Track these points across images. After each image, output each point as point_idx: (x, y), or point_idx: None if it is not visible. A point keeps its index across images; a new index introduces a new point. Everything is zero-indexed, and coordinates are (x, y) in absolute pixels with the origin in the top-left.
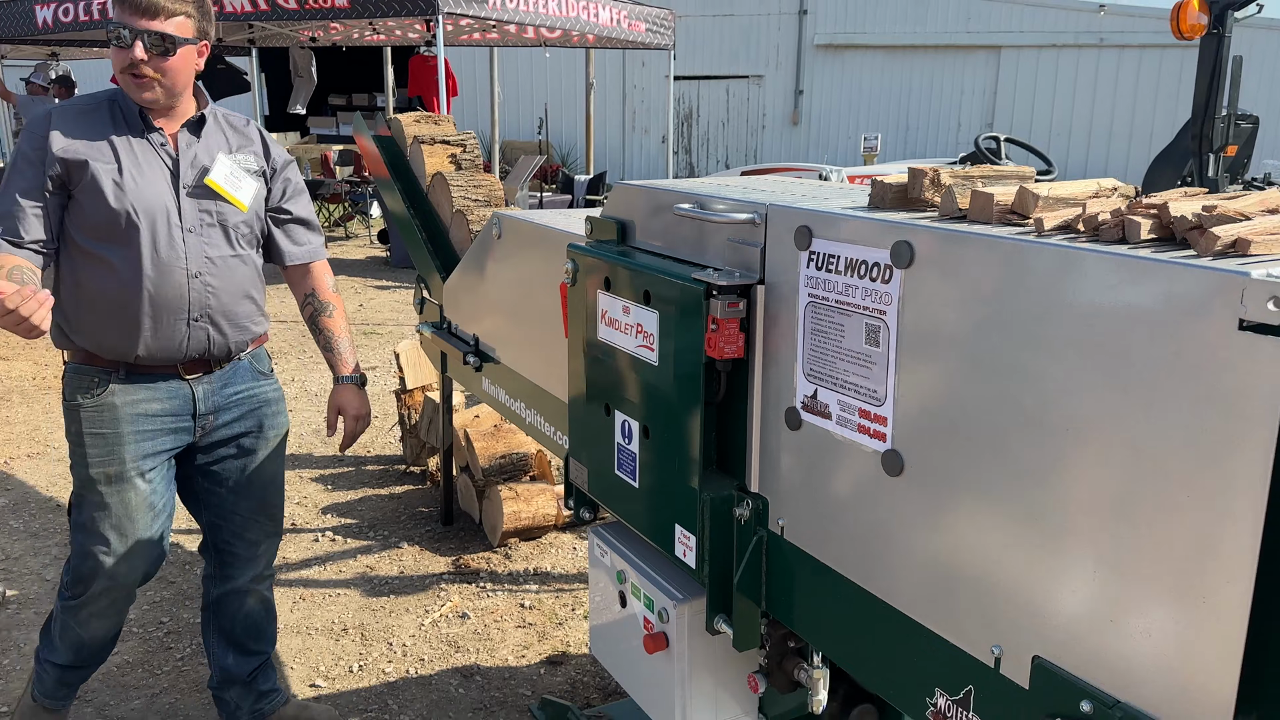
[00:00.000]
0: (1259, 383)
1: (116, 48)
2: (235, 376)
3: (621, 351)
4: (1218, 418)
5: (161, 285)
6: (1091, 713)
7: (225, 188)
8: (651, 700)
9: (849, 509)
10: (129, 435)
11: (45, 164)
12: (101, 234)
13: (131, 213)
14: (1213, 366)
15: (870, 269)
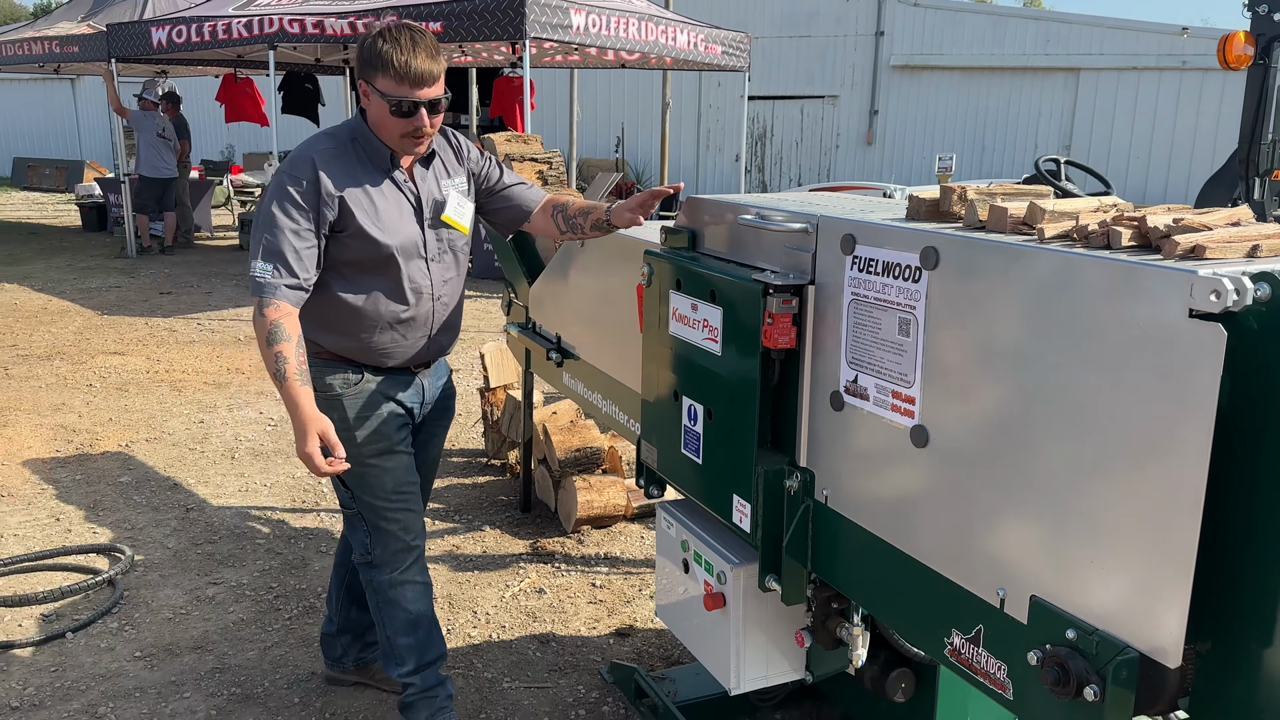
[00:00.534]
0: (1204, 359)
1: (397, 117)
2: (439, 371)
3: (689, 344)
4: (1173, 389)
5: (415, 309)
6: (1075, 639)
7: (455, 219)
8: (710, 655)
9: (882, 478)
10: (389, 417)
11: (318, 206)
12: (365, 268)
13: (394, 252)
14: (1170, 347)
15: (903, 270)
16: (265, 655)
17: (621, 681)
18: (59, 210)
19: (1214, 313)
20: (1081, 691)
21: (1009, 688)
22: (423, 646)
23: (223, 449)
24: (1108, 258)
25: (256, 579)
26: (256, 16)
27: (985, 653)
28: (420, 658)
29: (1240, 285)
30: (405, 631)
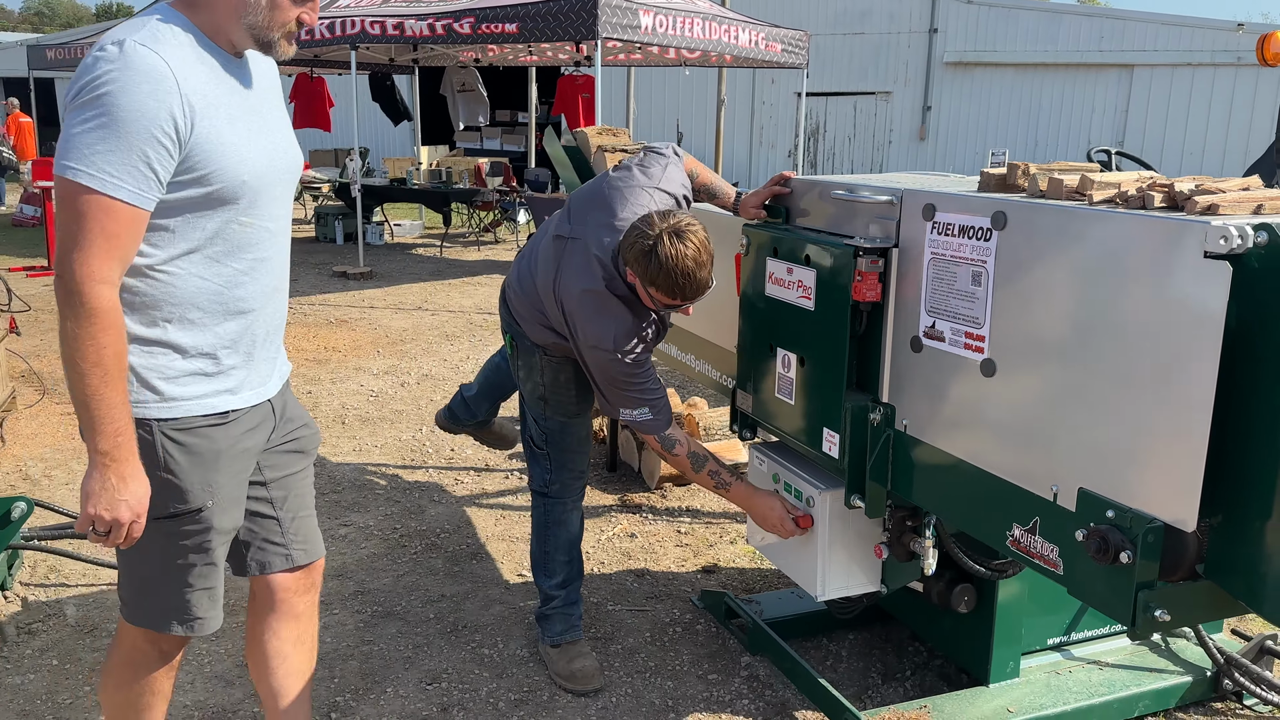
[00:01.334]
0: (1214, 290)
1: (665, 309)
2: None
3: (784, 303)
4: (1191, 314)
5: None
6: (1114, 517)
7: None
8: (799, 571)
9: (956, 405)
10: (577, 381)
11: (649, 364)
12: None
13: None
14: (1189, 281)
15: (977, 231)
16: (399, 581)
17: (712, 606)
18: None
19: (1222, 254)
20: (1118, 557)
21: (1060, 565)
22: (574, 565)
23: (332, 416)
24: (1143, 214)
25: (381, 522)
26: (339, 18)
27: (1041, 539)
28: (568, 574)
29: (1243, 232)
30: (564, 550)
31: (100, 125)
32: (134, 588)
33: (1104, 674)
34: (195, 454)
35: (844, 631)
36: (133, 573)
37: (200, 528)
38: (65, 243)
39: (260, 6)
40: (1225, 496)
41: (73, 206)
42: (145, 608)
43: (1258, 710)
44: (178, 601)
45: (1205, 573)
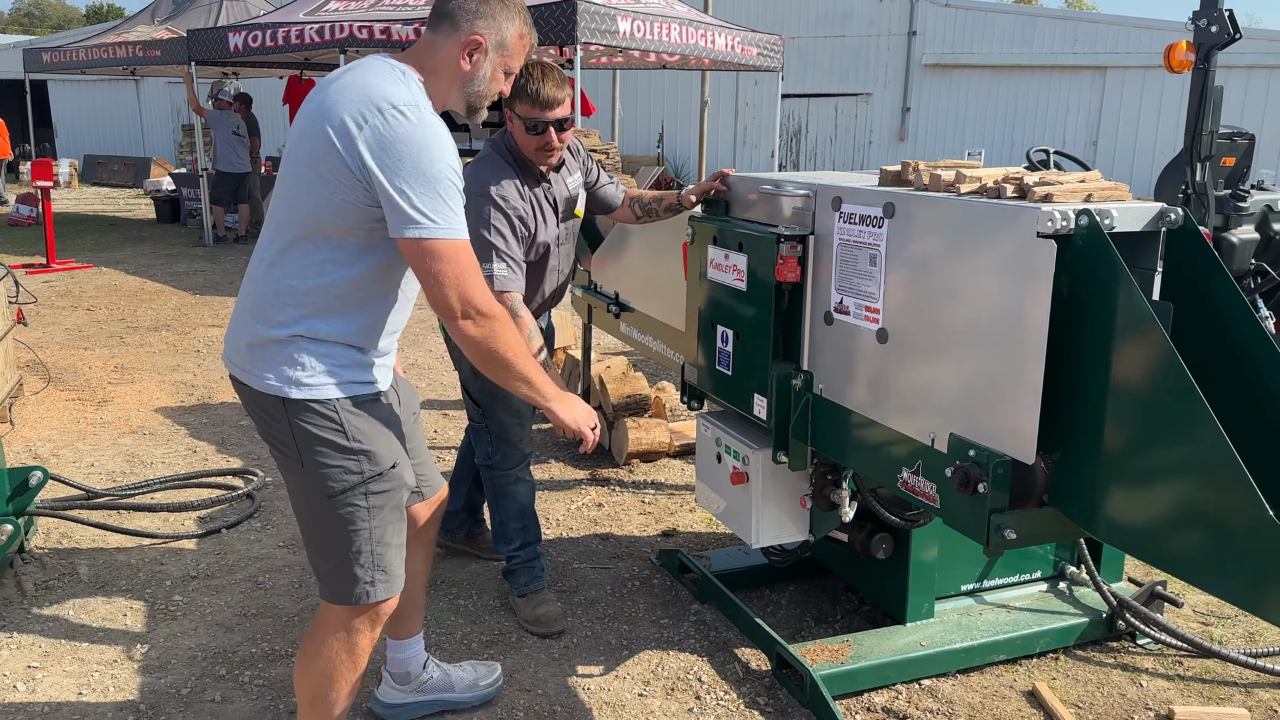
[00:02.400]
0: (1044, 263)
1: (530, 134)
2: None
3: (723, 285)
4: (1027, 284)
5: (552, 287)
6: (974, 455)
7: (579, 209)
8: (737, 522)
9: (858, 369)
10: None
11: (514, 225)
12: (532, 262)
13: (549, 247)
14: (1026, 257)
15: (872, 220)
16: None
17: (667, 563)
18: (129, 204)
19: (1049, 234)
20: (977, 488)
21: (937, 500)
22: (529, 530)
23: None
24: (994, 202)
25: None
26: (328, 23)
27: (923, 479)
28: (525, 538)
29: (1067, 216)
30: (516, 518)
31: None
32: (342, 564)
33: (1011, 616)
34: (373, 421)
35: (785, 584)
36: (341, 550)
37: (394, 485)
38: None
39: (484, 79)
40: (1061, 436)
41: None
42: (367, 581)
43: (1148, 648)
44: (382, 564)
45: (1050, 500)
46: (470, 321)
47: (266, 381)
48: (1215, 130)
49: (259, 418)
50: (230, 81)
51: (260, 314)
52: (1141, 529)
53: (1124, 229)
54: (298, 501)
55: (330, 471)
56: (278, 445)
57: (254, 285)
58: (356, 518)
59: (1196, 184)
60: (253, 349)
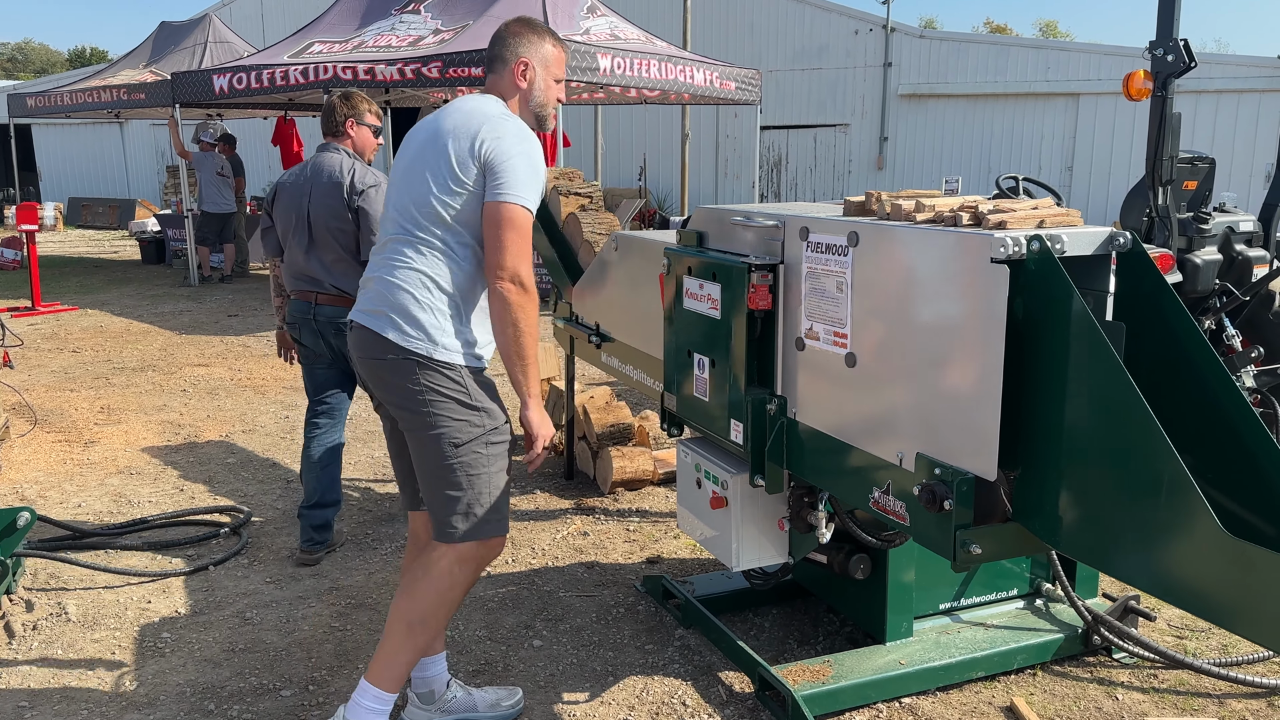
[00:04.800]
0: (998, 288)
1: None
2: None
3: (698, 314)
4: (984, 308)
5: None
6: (940, 474)
7: None
8: (717, 546)
9: (829, 392)
10: None
11: None
12: None
13: None
14: (981, 282)
15: (838, 249)
16: (371, 578)
17: (652, 589)
18: (115, 245)
19: (1003, 259)
20: (943, 505)
21: (907, 518)
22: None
23: None
24: (951, 230)
25: (355, 529)
26: (312, 64)
27: (893, 498)
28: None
29: (1018, 241)
30: None
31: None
32: (474, 508)
33: (988, 633)
34: (487, 386)
35: (768, 606)
36: (474, 496)
37: (506, 439)
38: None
39: (541, 89)
40: (1022, 453)
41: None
42: (485, 520)
43: (1123, 662)
44: (502, 505)
45: (1014, 516)
46: (513, 286)
47: (414, 344)
48: (1175, 155)
49: (390, 385)
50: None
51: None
52: (1098, 542)
53: (1075, 253)
54: (426, 454)
55: (458, 425)
56: (406, 406)
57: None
58: (486, 466)
59: (1159, 207)
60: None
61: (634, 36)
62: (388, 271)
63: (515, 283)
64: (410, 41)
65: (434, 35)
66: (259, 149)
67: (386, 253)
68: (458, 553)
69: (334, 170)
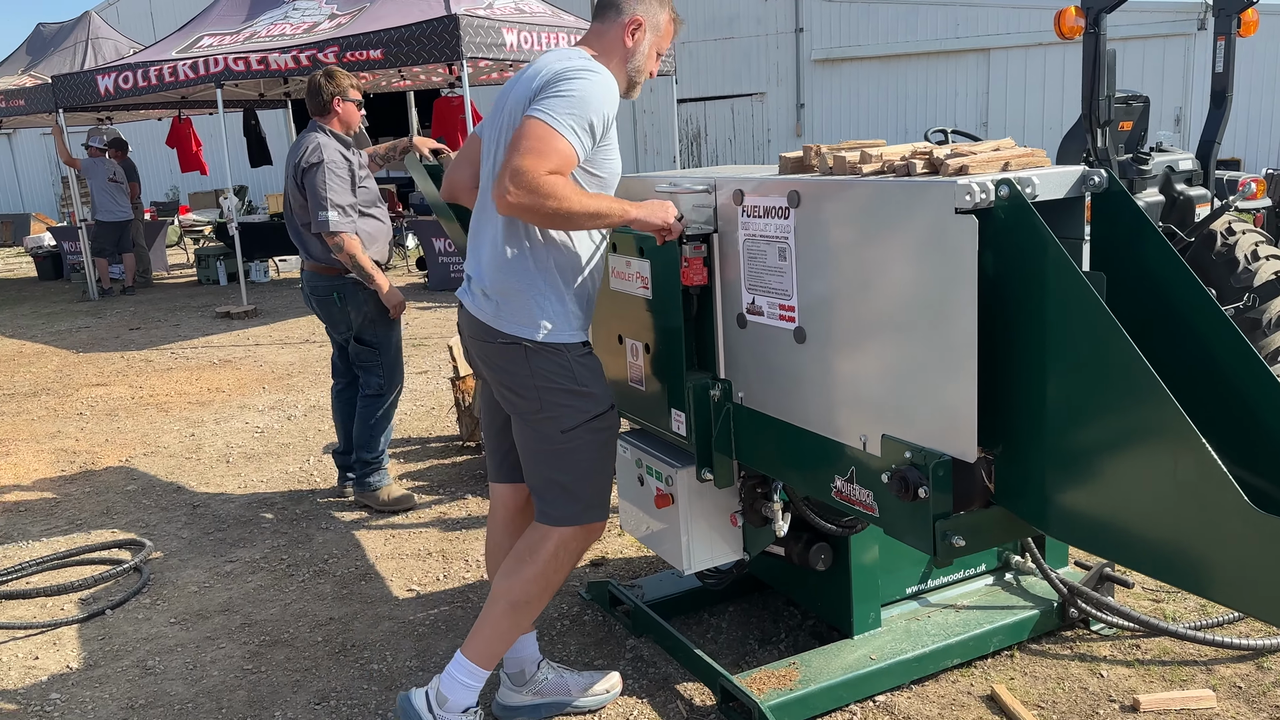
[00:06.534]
0: (966, 242)
1: (359, 110)
2: None
3: (627, 295)
4: (951, 267)
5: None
6: (911, 457)
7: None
8: (666, 548)
9: (777, 373)
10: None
11: (347, 180)
12: None
13: (374, 199)
14: (945, 237)
15: (777, 211)
16: (286, 610)
17: (598, 596)
18: (10, 263)
19: (969, 209)
20: (917, 493)
21: (875, 508)
22: (388, 439)
23: (216, 455)
24: (905, 180)
25: (268, 554)
26: (201, 58)
27: (858, 486)
28: (385, 446)
29: (985, 188)
30: (387, 433)
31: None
32: (579, 493)
33: (960, 616)
34: (593, 369)
35: (724, 604)
36: (565, 479)
37: (612, 424)
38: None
39: (643, 55)
40: (1002, 428)
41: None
42: (589, 505)
43: (1103, 634)
44: (601, 488)
45: (996, 499)
46: (514, 189)
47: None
48: (1112, 94)
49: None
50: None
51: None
52: (1098, 519)
53: (1047, 197)
54: (533, 438)
55: (565, 410)
56: (514, 389)
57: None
58: (591, 450)
59: (1098, 150)
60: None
61: (540, 10)
62: (482, 249)
63: (518, 185)
64: (305, 28)
65: (330, 20)
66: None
67: (477, 228)
68: (561, 536)
69: (300, 148)
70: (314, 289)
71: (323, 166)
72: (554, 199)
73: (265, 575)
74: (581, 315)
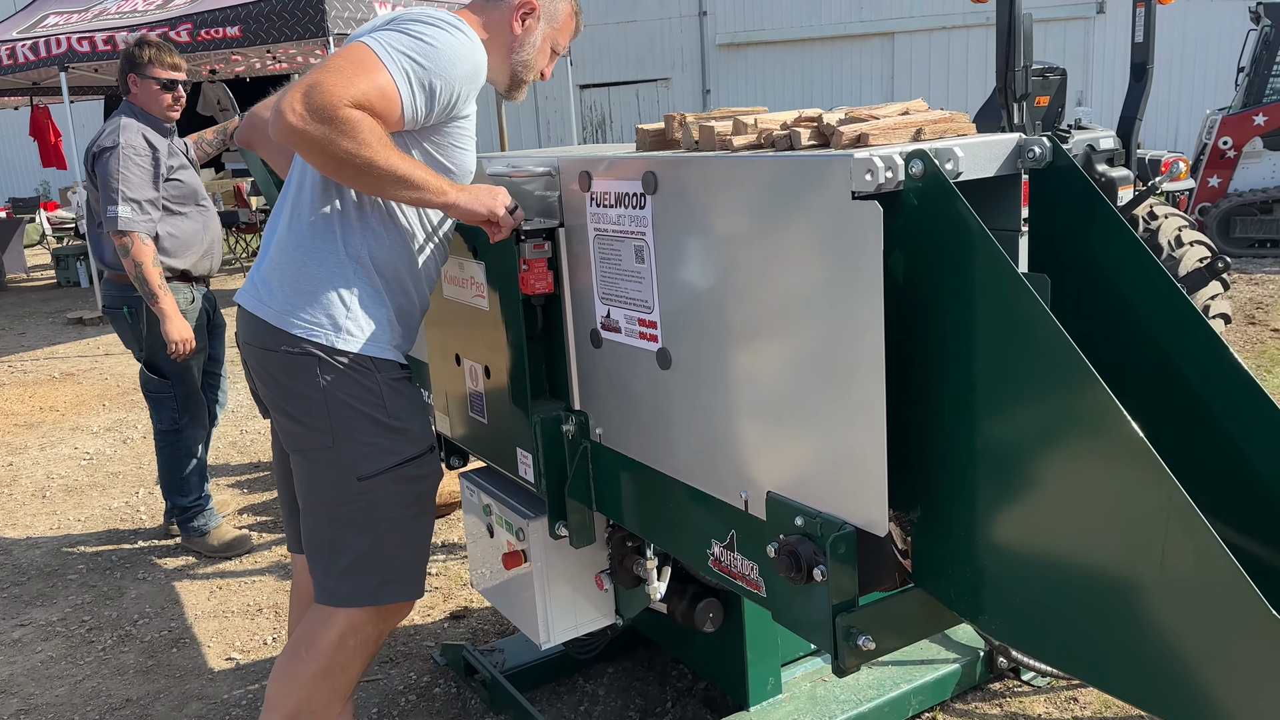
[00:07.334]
0: (868, 237)
1: (165, 92)
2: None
3: (462, 305)
4: (848, 271)
5: (210, 239)
6: (803, 525)
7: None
8: (521, 615)
9: (640, 405)
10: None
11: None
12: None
13: (196, 195)
14: (842, 230)
15: (630, 199)
16: (76, 690)
17: (453, 661)
18: None
19: (871, 192)
20: (811, 574)
21: (761, 585)
22: (202, 480)
23: (33, 489)
24: (786, 156)
25: (68, 614)
26: (43, 38)
27: (740, 556)
28: (201, 489)
29: (891, 163)
30: (196, 471)
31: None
32: (358, 561)
33: (872, 674)
34: (410, 399)
35: (602, 665)
36: (357, 543)
37: (430, 474)
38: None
39: (533, 47)
40: (922, 486)
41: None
42: (372, 579)
43: (1036, 684)
44: (407, 559)
45: (915, 579)
46: (299, 116)
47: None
48: (1029, 66)
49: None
50: None
51: None
52: (1049, 614)
53: (973, 175)
54: (316, 484)
55: (365, 449)
56: (296, 415)
57: None
58: (386, 502)
59: (1015, 127)
60: None
61: None
62: (278, 223)
63: (308, 104)
64: (158, 4)
65: None
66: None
67: (278, 218)
68: (350, 620)
69: (100, 131)
70: (105, 300)
71: (117, 151)
72: (350, 138)
73: (59, 643)
74: (401, 330)
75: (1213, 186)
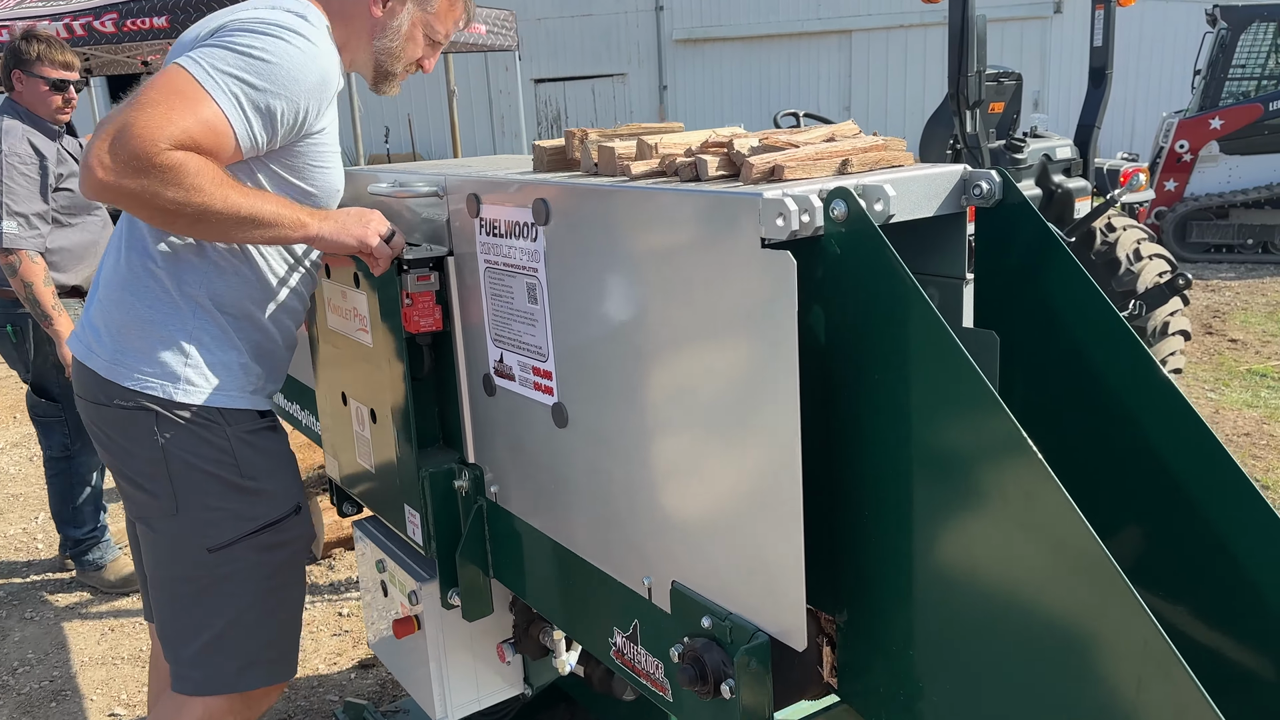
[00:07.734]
0: (780, 292)
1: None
2: None
3: (346, 338)
4: (760, 333)
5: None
6: (711, 627)
7: None
8: (417, 687)
9: (536, 466)
10: None
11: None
12: None
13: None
14: (751, 284)
15: (521, 229)
16: None
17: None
18: None
19: (781, 239)
20: (719, 688)
21: (667, 688)
22: (98, 510)
23: None
24: (688, 190)
25: None
26: None
27: (643, 651)
28: (96, 519)
29: (807, 204)
30: (90, 501)
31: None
32: (213, 643)
33: None
34: (270, 452)
35: None
36: (213, 622)
37: (297, 539)
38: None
39: (399, 32)
40: (848, 585)
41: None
42: (232, 663)
43: None
44: (272, 637)
45: (840, 694)
46: (111, 163)
47: None
48: (983, 71)
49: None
50: None
51: None
52: None
53: (908, 215)
54: (163, 556)
55: (213, 516)
56: (136, 479)
57: None
58: (244, 574)
59: (968, 136)
60: None
61: None
62: (107, 277)
63: (116, 155)
64: None
65: None
66: None
67: (110, 251)
68: (206, 711)
69: None
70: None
71: (14, 158)
72: (175, 185)
73: None
74: (261, 370)
75: (1169, 190)
